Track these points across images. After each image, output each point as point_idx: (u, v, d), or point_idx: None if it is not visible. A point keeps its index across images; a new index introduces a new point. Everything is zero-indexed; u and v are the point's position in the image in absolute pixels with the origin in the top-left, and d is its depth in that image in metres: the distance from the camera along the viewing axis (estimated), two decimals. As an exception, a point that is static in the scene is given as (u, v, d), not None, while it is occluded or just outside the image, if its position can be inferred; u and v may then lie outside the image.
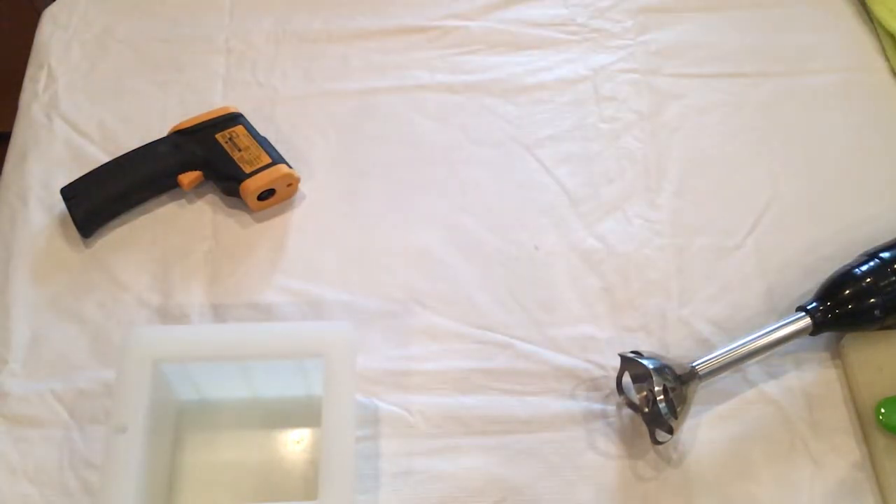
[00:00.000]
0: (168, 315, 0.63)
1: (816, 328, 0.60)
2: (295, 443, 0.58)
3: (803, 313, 0.60)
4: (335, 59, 0.76)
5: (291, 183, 0.68)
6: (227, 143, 0.68)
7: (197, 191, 0.69)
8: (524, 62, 0.76)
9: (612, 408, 0.60)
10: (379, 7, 0.79)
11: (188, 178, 0.67)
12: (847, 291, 0.60)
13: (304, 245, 0.67)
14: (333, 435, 0.51)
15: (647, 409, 0.57)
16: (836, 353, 0.62)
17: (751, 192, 0.70)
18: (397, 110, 0.73)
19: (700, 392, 0.59)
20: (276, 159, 0.67)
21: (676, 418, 0.55)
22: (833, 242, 0.66)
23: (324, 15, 0.79)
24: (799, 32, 0.79)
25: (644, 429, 0.58)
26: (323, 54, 0.76)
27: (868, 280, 0.60)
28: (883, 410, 0.57)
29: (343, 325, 0.55)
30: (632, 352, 0.58)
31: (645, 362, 0.56)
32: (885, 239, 0.63)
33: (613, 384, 0.60)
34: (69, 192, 0.65)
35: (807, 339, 0.61)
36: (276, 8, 0.79)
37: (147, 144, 0.68)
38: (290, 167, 0.67)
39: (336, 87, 0.75)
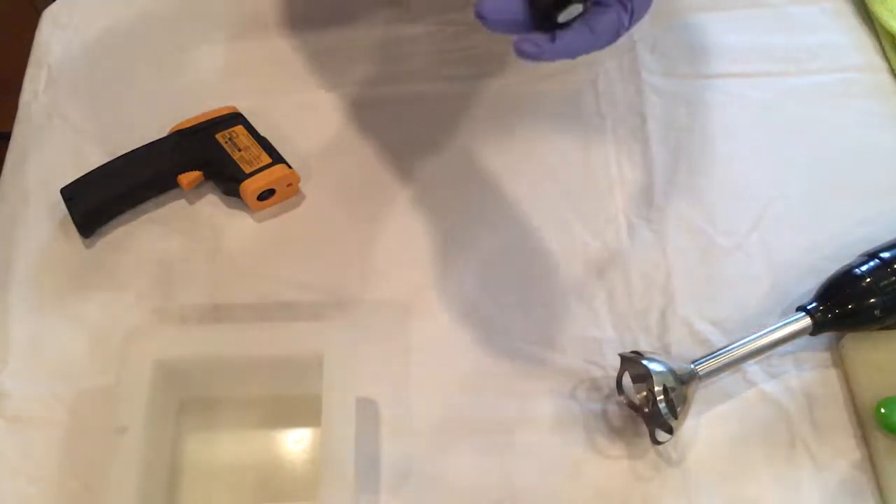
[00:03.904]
0: (168, 315, 0.63)
1: (816, 328, 0.60)
2: (295, 443, 0.58)
3: (803, 313, 0.60)
4: (336, 59, 0.76)
5: (291, 183, 0.68)
6: (227, 143, 0.68)
7: (197, 191, 0.69)
8: (525, 62, 0.76)
9: (612, 408, 0.60)
10: (379, 6, 0.79)
11: (188, 178, 0.67)
12: (847, 291, 0.60)
13: (304, 245, 0.67)
14: (333, 435, 0.51)
15: (647, 409, 0.57)
16: (836, 353, 0.62)
17: (751, 191, 0.70)
18: (398, 110, 0.73)
19: (700, 392, 0.59)
20: (276, 159, 0.67)
21: (676, 418, 0.55)
22: (833, 242, 0.66)
23: (325, 14, 0.79)
24: (799, 32, 0.79)
25: (644, 429, 0.58)
26: (323, 54, 0.76)
27: (868, 280, 0.60)
28: (883, 410, 0.57)
29: (343, 324, 0.55)
30: (632, 352, 0.58)
31: (645, 362, 0.56)
32: (885, 239, 0.63)
33: (613, 384, 0.60)
34: (69, 192, 0.65)
35: (807, 339, 0.61)
36: (277, 7, 0.79)
37: (147, 144, 0.68)
38: (290, 167, 0.67)
39: (336, 87, 0.75)
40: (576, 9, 0.46)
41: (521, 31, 0.46)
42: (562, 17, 0.46)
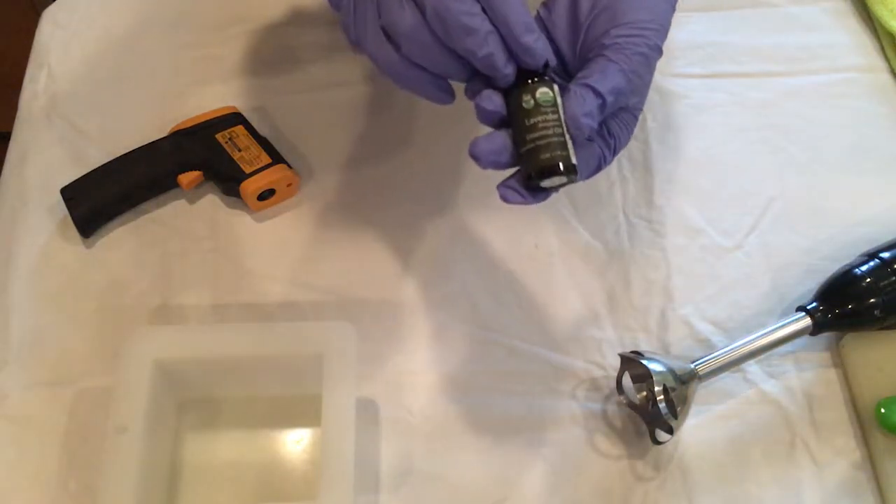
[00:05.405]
0: (168, 315, 0.63)
1: (816, 328, 0.60)
2: (295, 443, 0.58)
3: (803, 313, 0.60)
4: (337, 58, 0.76)
5: (291, 183, 0.68)
6: (227, 143, 0.68)
7: (197, 191, 0.69)
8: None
9: (612, 408, 0.60)
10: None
11: (188, 178, 0.67)
12: (847, 291, 0.60)
13: (305, 245, 0.67)
14: (333, 435, 0.51)
15: (647, 409, 0.57)
16: (836, 353, 0.62)
17: (751, 191, 0.70)
18: (399, 110, 0.73)
19: (700, 392, 0.59)
20: (276, 159, 0.67)
21: (676, 418, 0.55)
22: (833, 242, 0.66)
23: (326, 14, 0.79)
24: (799, 32, 0.79)
25: (644, 429, 0.58)
26: (324, 53, 0.76)
27: (868, 280, 0.60)
28: (883, 410, 0.57)
29: (343, 324, 0.55)
30: (632, 352, 0.58)
31: (645, 362, 0.56)
32: (885, 239, 0.63)
33: (613, 384, 0.60)
34: (69, 192, 0.65)
35: (807, 339, 0.61)
36: (277, 7, 0.79)
37: (147, 144, 0.68)
38: (290, 167, 0.67)
39: (337, 87, 0.75)
40: (559, 180, 0.46)
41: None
42: (545, 184, 0.47)
